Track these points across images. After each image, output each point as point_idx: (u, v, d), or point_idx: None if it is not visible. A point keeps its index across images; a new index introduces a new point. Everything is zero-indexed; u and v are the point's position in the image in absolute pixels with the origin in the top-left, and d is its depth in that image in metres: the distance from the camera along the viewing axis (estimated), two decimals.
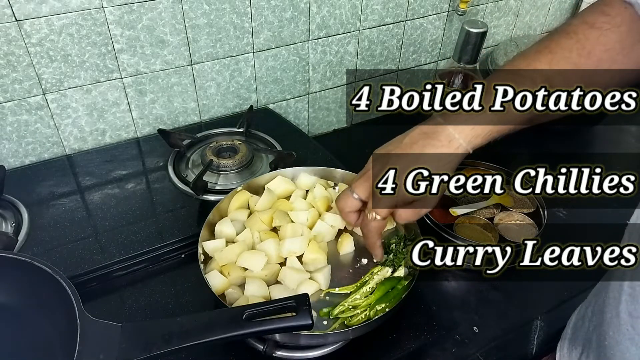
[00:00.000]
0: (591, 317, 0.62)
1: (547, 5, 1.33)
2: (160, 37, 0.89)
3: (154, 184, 0.88)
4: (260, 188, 0.80)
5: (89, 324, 0.48)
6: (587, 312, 0.64)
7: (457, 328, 0.71)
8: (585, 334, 0.63)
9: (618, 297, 0.53)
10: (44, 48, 0.82)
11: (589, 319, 0.62)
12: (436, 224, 0.81)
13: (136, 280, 0.73)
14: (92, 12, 0.82)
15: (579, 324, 0.66)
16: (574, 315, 0.69)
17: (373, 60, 1.14)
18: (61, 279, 0.49)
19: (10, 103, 0.84)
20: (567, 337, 0.69)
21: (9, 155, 0.89)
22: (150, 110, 0.97)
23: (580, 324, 0.65)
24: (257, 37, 0.98)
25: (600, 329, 0.58)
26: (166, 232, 0.77)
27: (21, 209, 0.79)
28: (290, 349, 0.64)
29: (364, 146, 0.68)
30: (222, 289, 0.65)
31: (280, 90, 1.08)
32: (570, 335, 0.68)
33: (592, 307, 0.62)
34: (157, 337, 0.49)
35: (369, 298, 0.65)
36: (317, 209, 0.76)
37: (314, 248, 0.70)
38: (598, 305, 0.60)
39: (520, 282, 0.78)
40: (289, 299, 0.53)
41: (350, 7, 1.03)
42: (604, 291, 0.58)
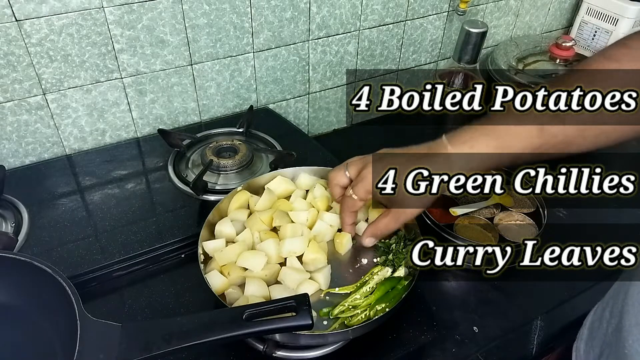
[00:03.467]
0: (609, 320, 0.60)
1: (547, 5, 1.33)
2: (160, 37, 0.89)
3: (154, 184, 0.88)
4: (260, 188, 0.79)
5: (89, 324, 0.48)
6: (605, 314, 0.62)
7: (457, 328, 0.71)
8: (603, 337, 0.62)
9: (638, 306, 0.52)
10: (44, 48, 0.82)
11: (607, 321, 0.61)
12: (436, 224, 0.81)
13: (136, 280, 0.73)
14: (92, 12, 0.82)
15: (596, 325, 0.64)
16: (590, 315, 0.68)
17: (373, 60, 1.14)
18: (61, 279, 0.49)
19: (10, 103, 0.84)
20: (583, 337, 0.68)
21: (9, 155, 0.89)
22: (150, 110, 0.97)
23: (597, 325, 0.64)
24: (257, 37, 0.98)
25: (619, 335, 0.56)
26: (166, 232, 0.77)
27: (21, 209, 0.79)
28: (290, 349, 0.64)
29: (364, 146, 0.68)
30: (222, 289, 0.65)
31: (280, 90, 1.08)
32: (587, 337, 0.67)
33: (609, 309, 0.61)
34: (157, 337, 0.49)
35: (369, 298, 0.65)
36: (317, 209, 0.76)
37: (314, 248, 0.70)
38: (617, 308, 0.58)
39: (520, 282, 0.78)
40: (289, 299, 0.53)
41: (350, 7, 1.03)
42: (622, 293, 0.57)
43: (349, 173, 0.68)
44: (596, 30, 1.29)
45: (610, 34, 1.26)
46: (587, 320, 0.69)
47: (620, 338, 0.56)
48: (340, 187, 0.70)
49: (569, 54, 1.16)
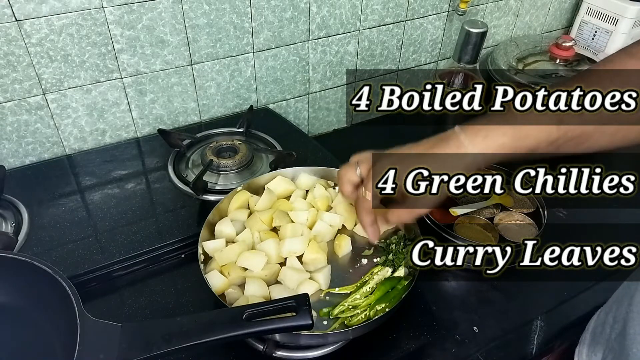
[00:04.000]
0: (613, 325, 0.60)
1: (547, 5, 1.33)
2: (160, 37, 0.89)
3: (154, 184, 0.88)
4: (260, 188, 0.80)
5: (89, 324, 0.48)
6: (608, 319, 0.62)
7: (457, 328, 0.71)
8: (606, 342, 0.61)
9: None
10: (44, 48, 0.82)
11: (610, 326, 0.61)
12: (436, 224, 0.81)
13: (136, 280, 0.73)
14: (92, 12, 0.82)
15: (599, 330, 0.64)
16: (593, 320, 0.68)
17: (373, 60, 1.14)
18: (61, 279, 0.49)
19: (10, 103, 0.84)
20: (585, 342, 0.68)
21: (9, 155, 0.89)
22: (150, 110, 0.97)
23: (600, 330, 0.63)
24: (257, 37, 0.98)
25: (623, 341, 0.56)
26: (166, 232, 0.77)
27: (21, 209, 0.79)
28: (290, 349, 0.64)
29: (364, 146, 0.68)
30: (222, 289, 0.65)
31: (280, 90, 1.08)
32: (590, 341, 0.66)
33: (613, 314, 0.61)
34: (157, 337, 0.49)
35: (369, 298, 0.65)
36: (317, 209, 0.76)
37: (314, 248, 0.70)
38: (620, 314, 0.58)
39: (520, 282, 0.78)
40: (289, 299, 0.53)
41: (350, 7, 1.03)
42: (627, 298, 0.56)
43: (360, 171, 0.65)
44: (596, 30, 1.29)
45: (610, 34, 1.26)
46: (589, 325, 0.69)
47: (625, 345, 0.55)
48: (351, 185, 0.67)
49: (569, 54, 1.16)
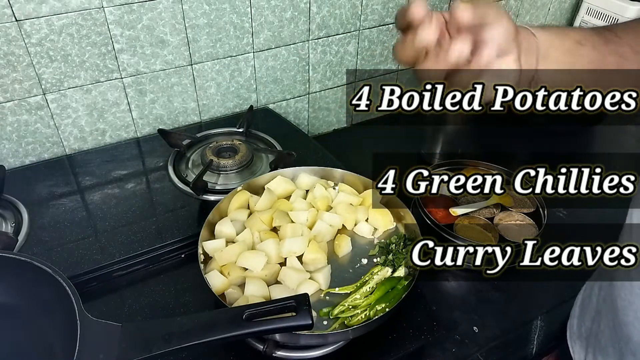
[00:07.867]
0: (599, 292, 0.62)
1: (547, 5, 1.33)
2: (160, 37, 0.89)
3: (154, 184, 0.88)
4: (260, 188, 0.80)
5: (89, 324, 0.48)
6: (594, 289, 0.64)
7: (457, 328, 0.71)
8: (595, 306, 0.63)
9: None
10: (44, 48, 0.82)
11: (596, 295, 0.63)
12: (436, 224, 0.81)
13: (136, 280, 0.73)
14: (92, 12, 0.82)
15: (587, 302, 0.66)
16: (580, 294, 0.70)
17: (373, 60, 1.14)
18: (61, 279, 0.49)
19: (10, 103, 0.84)
20: (575, 315, 0.69)
21: (9, 155, 0.89)
22: (150, 110, 0.97)
23: (588, 301, 0.66)
24: (257, 37, 0.98)
25: (611, 297, 0.58)
26: (166, 232, 0.77)
27: (21, 209, 0.79)
28: (290, 349, 0.64)
29: (364, 146, 0.68)
30: (222, 289, 0.65)
31: (280, 90, 1.08)
32: (579, 313, 0.68)
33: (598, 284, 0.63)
34: (157, 337, 0.49)
35: (369, 298, 0.65)
36: (317, 209, 0.76)
37: (314, 248, 0.70)
38: (607, 276, 0.60)
39: (520, 282, 0.78)
40: (289, 299, 0.53)
41: (350, 7, 1.03)
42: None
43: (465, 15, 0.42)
44: None
45: None
46: (577, 299, 0.70)
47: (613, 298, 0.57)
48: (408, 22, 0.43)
49: None
